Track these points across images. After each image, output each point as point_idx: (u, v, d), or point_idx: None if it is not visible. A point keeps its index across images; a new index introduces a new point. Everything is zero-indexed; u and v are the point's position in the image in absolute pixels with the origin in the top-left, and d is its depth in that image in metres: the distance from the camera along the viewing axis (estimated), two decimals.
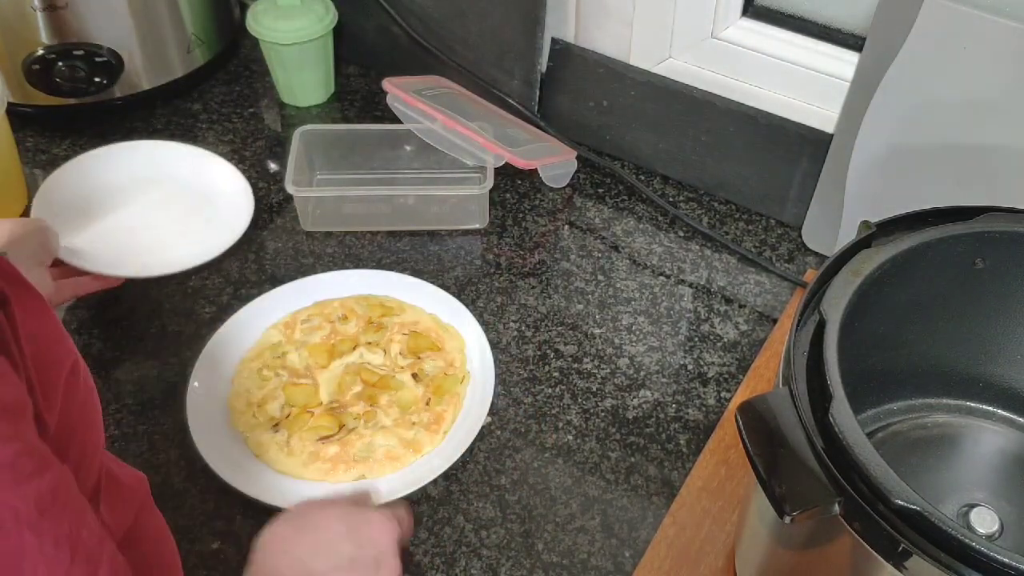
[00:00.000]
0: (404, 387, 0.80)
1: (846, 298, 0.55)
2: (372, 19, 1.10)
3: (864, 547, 0.48)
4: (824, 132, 0.90)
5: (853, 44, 0.92)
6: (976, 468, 0.67)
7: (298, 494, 0.73)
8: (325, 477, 0.75)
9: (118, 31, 1.01)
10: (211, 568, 0.70)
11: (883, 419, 0.69)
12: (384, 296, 0.87)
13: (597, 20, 0.98)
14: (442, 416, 0.78)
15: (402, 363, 0.82)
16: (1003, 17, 0.72)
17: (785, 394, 0.52)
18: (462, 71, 1.06)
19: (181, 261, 0.88)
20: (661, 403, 0.81)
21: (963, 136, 0.78)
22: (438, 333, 0.84)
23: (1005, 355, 0.66)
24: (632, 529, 0.73)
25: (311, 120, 1.08)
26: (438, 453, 0.76)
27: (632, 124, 1.00)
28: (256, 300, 0.85)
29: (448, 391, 0.80)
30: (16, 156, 0.95)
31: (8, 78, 1.00)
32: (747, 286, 0.90)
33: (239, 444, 0.77)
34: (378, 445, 0.76)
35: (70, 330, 0.85)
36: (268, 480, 0.75)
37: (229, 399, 0.79)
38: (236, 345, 0.83)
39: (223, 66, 1.14)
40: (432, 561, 0.71)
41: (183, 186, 0.96)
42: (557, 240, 0.95)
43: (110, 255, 0.87)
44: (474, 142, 0.93)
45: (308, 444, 0.76)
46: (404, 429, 0.77)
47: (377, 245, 0.94)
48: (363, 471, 0.75)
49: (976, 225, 0.60)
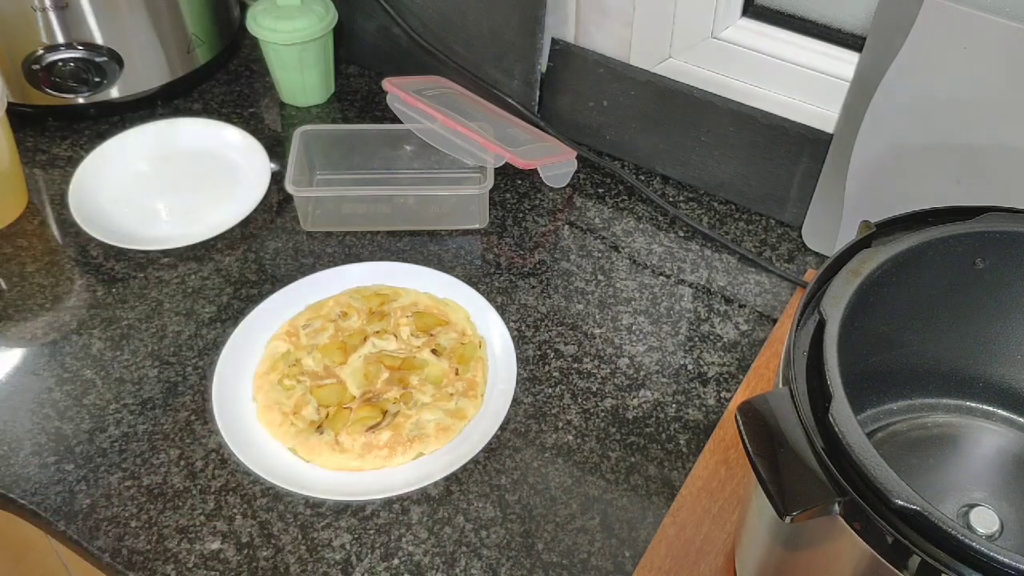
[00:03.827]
0: (429, 364, 0.82)
1: (846, 298, 0.55)
2: (372, 19, 1.10)
3: (864, 547, 0.48)
4: (824, 132, 0.90)
5: (853, 44, 0.92)
6: (976, 468, 0.67)
7: (360, 485, 0.74)
8: (385, 463, 0.76)
9: (118, 31, 1.01)
10: (211, 568, 0.70)
11: (883, 419, 0.69)
12: (375, 285, 0.88)
13: (597, 20, 0.98)
14: (474, 381, 0.81)
15: (417, 343, 0.83)
16: (1003, 17, 0.72)
17: (785, 394, 0.52)
18: (462, 71, 1.06)
19: (225, 222, 0.94)
20: (661, 403, 0.81)
21: (963, 136, 0.78)
22: (440, 309, 0.86)
23: (1005, 355, 0.66)
24: (632, 529, 0.73)
25: (311, 120, 1.08)
26: (483, 415, 0.79)
27: (632, 124, 1.00)
28: (247, 318, 0.85)
29: (471, 357, 0.82)
30: (16, 156, 0.95)
31: (8, 78, 1.00)
32: (747, 286, 0.90)
33: (286, 455, 0.77)
34: (426, 421, 0.78)
35: (70, 330, 0.85)
36: (327, 479, 0.75)
37: (259, 416, 0.79)
38: (242, 366, 0.82)
39: (223, 66, 1.14)
40: (432, 561, 0.71)
41: (198, 156, 1.02)
42: (557, 240, 0.95)
43: (156, 234, 0.94)
44: (474, 142, 0.93)
45: (358, 437, 0.76)
46: (445, 401, 0.79)
47: (377, 245, 0.94)
48: (420, 448, 0.76)
49: (976, 225, 0.60)
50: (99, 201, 0.96)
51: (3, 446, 0.77)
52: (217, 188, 0.99)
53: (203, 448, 0.77)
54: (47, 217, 0.96)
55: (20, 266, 0.91)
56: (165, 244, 0.92)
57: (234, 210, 0.96)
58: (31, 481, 0.75)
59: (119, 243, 0.91)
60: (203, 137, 1.03)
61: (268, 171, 0.98)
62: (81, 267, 0.91)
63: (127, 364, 0.83)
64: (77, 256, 0.92)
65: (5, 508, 0.76)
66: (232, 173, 1.01)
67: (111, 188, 0.98)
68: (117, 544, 0.71)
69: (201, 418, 0.79)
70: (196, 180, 1.00)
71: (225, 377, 0.81)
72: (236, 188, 0.99)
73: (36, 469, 0.76)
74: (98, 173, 0.98)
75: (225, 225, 0.94)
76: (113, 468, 0.76)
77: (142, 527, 0.72)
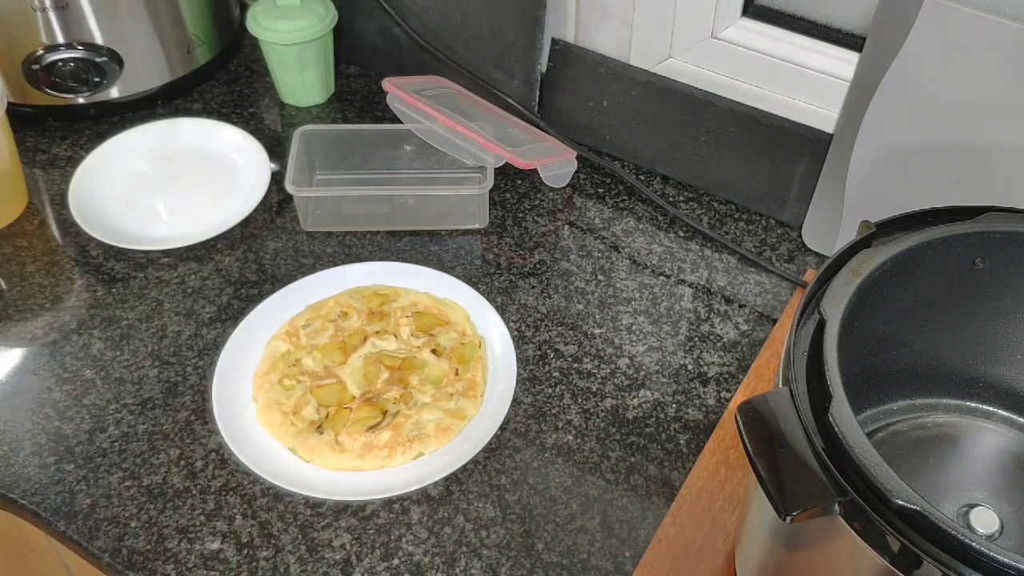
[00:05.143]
0: (429, 364, 0.82)
1: (846, 298, 0.55)
2: (372, 19, 1.10)
3: (864, 547, 0.48)
4: (824, 132, 0.90)
5: (853, 44, 0.92)
6: (976, 468, 0.67)
7: (360, 485, 0.74)
8: (385, 463, 0.76)
9: (118, 31, 1.01)
10: (211, 568, 0.70)
11: (883, 419, 0.69)
12: (375, 285, 0.88)
13: (597, 20, 0.98)
14: (474, 381, 0.81)
15: (417, 343, 0.83)
16: (1003, 17, 0.72)
17: (785, 394, 0.52)
18: (462, 71, 1.06)
19: (225, 222, 0.94)
20: (661, 403, 0.81)
21: (963, 136, 0.78)
22: (440, 309, 0.86)
23: (1005, 355, 0.66)
24: (632, 529, 0.73)
25: (311, 120, 1.08)
26: (483, 415, 0.79)
27: (632, 124, 1.00)
28: (247, 318, 0.85)
29: (471, 357, 0.82)
30: (16, 156, 0.95)
31: (8, 78, 1.00)
32: (747, 286, 0.90)
33: (286, 455, 0.77)
34: (426, 421, 0.78)
35: (70, 330, 0.85)
36: (327, 479, 0.75)
37: (259, 416, 0.79)
38: (242, 366, 0.82)
39: (223, 66, 1.14)
40: (432, 561, 0.71)
41: (198, 156, 1.02)
42: (557, 240, 0.95)
43: (155, 234, 0.94)
44: (474, 142, 0.93)
45: (358, 437, 0.76)
46: (445, 401, 0.79)
47: (377, 245, 0.94)
48: (420, 448, 0.76)
49: (976, 225, 0.60)
50: (99, 201, 0.96)
51: (3, 446, 0.77)
52: (217, 188, 0.99)
53: (203, 448, 0.77)
54: (47, 217, 0.96)
55: (20, 266, 0.91)
56: (165, 244, 0.92)
57: (234, 210, 0.96)
58: (31, 481, 0.75)
59: (119, 243, 0.91)
60: (203, 137, 1.03)
61: (268, 171, 0.98)
62: (81, 267, 0.91)
63: (127, 364, 0.83)
64: (77, 256, 0.92)
65: (5, 508, 0.76)
66: (232, 173, 1.01)
67: (111, 188, 0.98)
68: (117, 544, 0.71)
69: (201, 418, 0.79)
70: (196, 180, 1.00)
71: (225, 377, 0.81)
72: (236, 188, 0.99)
73: (36, 469, 0.76)
74: (98, 173, 0.98)
75: (225, 225, 0.94)
76: (113, 468, 0.76)
77: (142, 527, 0.72)
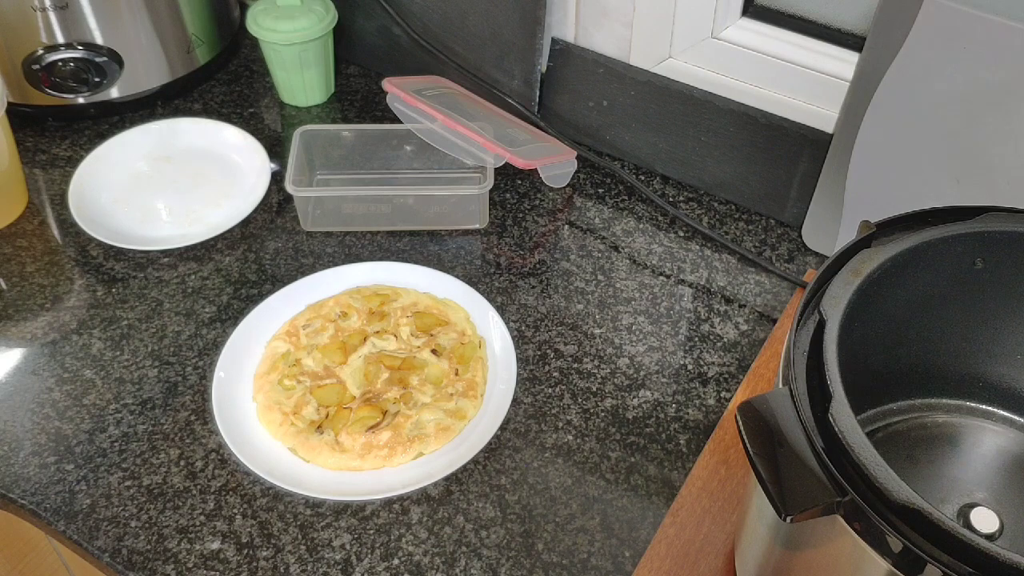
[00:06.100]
0: (428, 364, 0.82)
1: (846, 298, 0.55)
2: (372, 19, 1.10)
3: (864, 547, 0.48)
4: (824, 132, 0.90)
5: (853, 44, 0.92)
6: (976, 468, 0.67)
7: (360, 485, 0.74)
8: (385, 463, 0.76)
9: (118, 31, 1.01)
10: (211, 568, 0.70)
11: (883, 419, 0.69)
12: (375, 285, 0.88)
13: (597, 20, 0.98)
14: (474, 381, 0.81)
15: (416, 343, 0.83)
16: (1003, 17, 0.72)
17: (785, 394, 0.52)
18: (462, 71, 1.06)
19: (225, 222, 0.95)
20: (661, 403, 0.81)
21: (963, 136, 0.78)
22: (440, 309, 0.86)
23: (1005, 355, 0.66)
24: (632, 529, 0.73)
25: (311, 120, 1.08)
26: (483, 415, 0.79)
27: (632, 124, 1.00)
28: (247, 318, 0.85)
29: (471, 357, 0.82)
30: (16, 156, 0.95)
31: (8, 78, 1.00)
32: (747, 286, 0.90)
33: (286, 455, 0.77)
34: (426, 421, 0.78)
35: (70, 330, 0.85)
36: (327, 479, 0.75)
37: (259, 416, 0.79)
38: (242, 366, 0.82)
39: (223, 66, 1.14)
40: (432, 561, 0.71)
41: (198, 156, 1.02)
42: (557, 240, 0.95)
43: (155, 234, 0.94)
44: (474, 142, 0.93)
45: (358, 436, 0.76)
46: (444, 401, 0.79)
47: (377, 245, 0.94)
48: (420, 448, 0.77)
49: (976, 225, 0.60)
50: (99, 201, 0.96)
51: (3, 446, 0.77)
52: (217, 188, 0.99)
53: (203, 448, 0.77)
54: (47, 217, 0.96)
55: (20, 266, 0.91)
56: (165, 244, 0.92)
57: (234, 210, 0.96)
58: (31, 481, 0.75)
59: (119, 243, 0.91)
60: (203, 137, 1.03)
61: (268, 171, 0.98)
62: (81, 267, 0.91)
63: (127, 364, 0.83)
64: (77, 256, 0.92)
65: (5, 508, 0.76)
66: (232, 173, 1.01)
67: (111, 188, 0.98)
68: (117, 544, 0.71)
69: (201, 418, 0.79)
70: (196, 180, 1.00)
71: (225, 377, 0.81)
72: (236, 188, 0.99)
73: (36, 469, 0.76)
74: (98, 173, 0.98)
75: (225, 225, 0.94)
76: (113, 468, 0.76)
77: (142, 527, 0.72)
